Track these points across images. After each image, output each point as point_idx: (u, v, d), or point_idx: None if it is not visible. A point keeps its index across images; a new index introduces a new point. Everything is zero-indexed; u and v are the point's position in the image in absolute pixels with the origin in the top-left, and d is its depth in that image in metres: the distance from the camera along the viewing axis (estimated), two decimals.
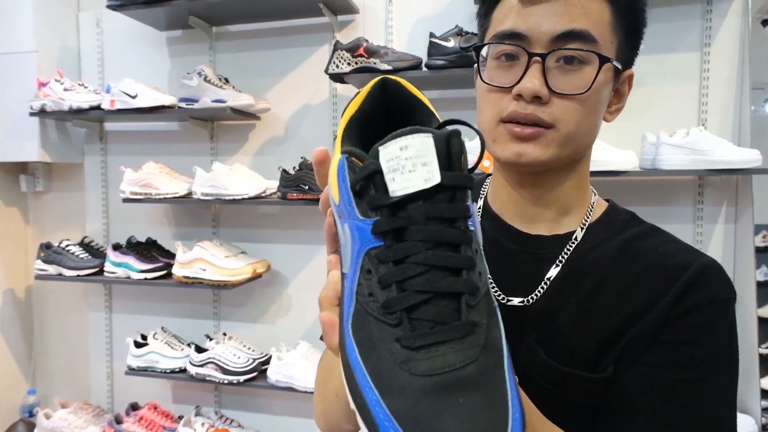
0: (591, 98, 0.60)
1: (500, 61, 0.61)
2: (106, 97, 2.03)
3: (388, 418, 0.31)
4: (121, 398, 2.39)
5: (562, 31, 0.57)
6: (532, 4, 0.58)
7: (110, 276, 2.10)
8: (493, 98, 0.62)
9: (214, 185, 1.95)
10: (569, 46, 0.57)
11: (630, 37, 0.63)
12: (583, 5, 0.58)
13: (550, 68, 0.58)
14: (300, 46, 2.11)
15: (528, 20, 0.58)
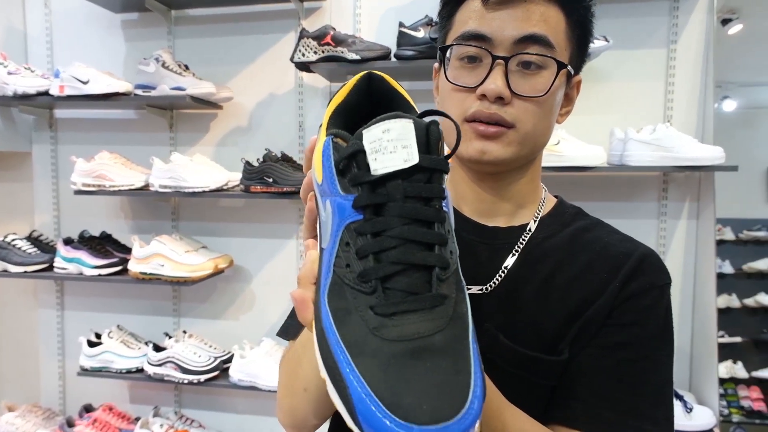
0: (548, 101, 0.64)
1: (463, 63, 0.65)
2: (55, 82, 1.91)
3: (358, 379, 0.33)
4: (73, 400, 2.28)
5: (523, 35, 0.61)
6: (495, 9, 0.62)
7: (61, 272, 1.99)
8: (458, 98, 0.65)
9: (172, 177, 1.86)
10: (529, 50, 0.62)
11: (581, 45, 0.68)
12: (542, 12, 0.62)
13: (512, 71, 0.62)
14: (264, 33, 2.03)
15: (492, 23, 0.62)
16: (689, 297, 1.86)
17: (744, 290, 4.35)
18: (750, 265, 4.35)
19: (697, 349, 1.85)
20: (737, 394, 4.09)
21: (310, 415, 0.65)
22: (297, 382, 0.63)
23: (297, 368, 0.63)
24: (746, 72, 4.31)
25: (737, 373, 4.19)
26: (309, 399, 0.62)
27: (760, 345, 4.34)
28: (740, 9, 3.47)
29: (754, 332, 4.32)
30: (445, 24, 0.69)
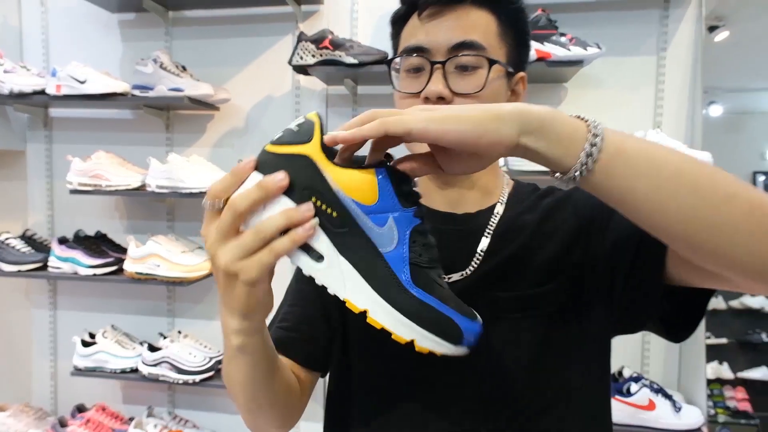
0: (487, 96, 0.69)
1: (410, 73, 0.72)
2: (52, 81, 1.91)
3: (454, 314, 0.51)
4: (65, 400, 2.27)
5: (456, 42, 0.68)
6: (429, 21, 0.69)
7: (55, 271, 1.99)
8: (406, 104, 0.71)
9: (169, 177, 1.87)
10: (462, 53, 0.68)
11: (517, 44, 0.73)
12: (472, 20, 0.69)
13: (450, 73, 0.69)
14: (261, 35, 2.04)
15: (428, 35, 0.69)
16: None
17: (730, 292, 4.43)
18: None
19: (685, 350, 1.89)
20: (723, 395, 4.17)
21: (265, 425, 0.70)
22: (239, 404, 0.68)
23: (235, 395, 0.67)
24: (732, 78, 4.40)
25: (723, 373, 4.27)
26: (255, 418, 0.69)
27: (746, 346, 4.43)
28: (726, 16, 3.55)
29: (740, 334, 4.42)
30: (395, 42, 0.77)
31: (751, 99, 4.81)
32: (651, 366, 1.92)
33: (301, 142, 0.49)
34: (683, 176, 0.48)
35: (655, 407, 1.70)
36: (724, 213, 0.47)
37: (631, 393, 1.71)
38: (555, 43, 1.63)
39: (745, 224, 0.47)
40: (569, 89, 1.89)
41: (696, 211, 0.47)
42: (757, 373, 4.31)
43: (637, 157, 0.49)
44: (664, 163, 0.49)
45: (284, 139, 0.50)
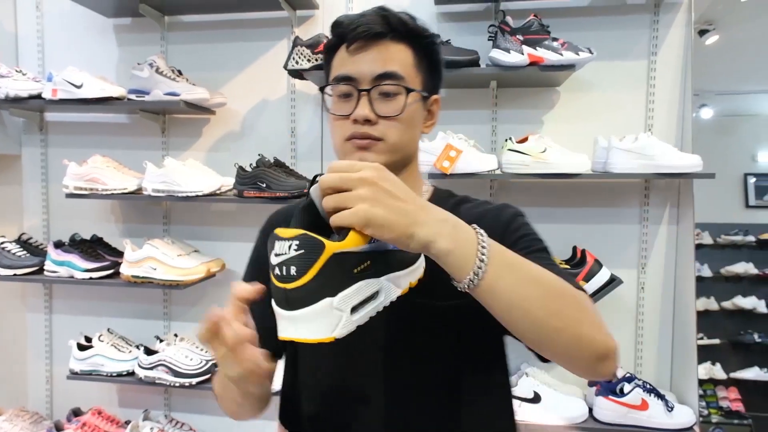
0: (405, 118, 0.83)
1: (340, 98, 0.84)
2: (48, 85, 1.92)
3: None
4: (61, 404, 2.27)
5: (378, 73, 0.81)
6: (356, 54, 0.81)
7: (51, 275, 1.99)
8: (339, 125, 0.84)
9: (166, 181, 1.88)
10: (385, 83, 0.81)
11: (431, 71, 0.87)
12: (392, 52, 0.82)
13: (374, 99, 0.81)
14: (257, 40, 2.06)
15: (354, 66, 0.81)
16: (670, 300, 1.92)
17: (722, 293, 4.48)
18: (727, 268, 4.48)
19: (677, 351, 1.91)
20: (716, 395, 4.20)
21: (246, 414, 0.87)
22: (226, 400, 0.85)
23: (223, 395, 0.85)
24: (722, 81, 4.45)
25: (716, 374, 4.30)
26: (241, 411, 0.85)
27: (738, 347, 4.47)
28: (716, 20, 3.60)
29: (732, 334, 4.45)
30: (326, 69, 0.89)
31: (742, 102, 4.86)
32: (644, 366, 1.94)
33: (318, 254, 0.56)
34: (539, 314, 0.65)
35: (647, 407, 1.72)
36: (558, 345, 0.68)
37: (624, 393, 1.73)
38: (547, 47, 1.65)
39: (569, 347, 0.68)
40: (562, 93, 1.92)
41: (539, 338, 0.68)
42: (750, 374, 4.34)
43: (506, 284, 0.64)
44: (526, 302, 0.65)
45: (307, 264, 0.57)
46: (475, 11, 1.94)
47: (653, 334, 1.93)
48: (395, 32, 0.82)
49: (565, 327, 0.66)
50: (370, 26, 0.80)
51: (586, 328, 0.67)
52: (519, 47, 1.66)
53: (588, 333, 0.67)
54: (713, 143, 4.63)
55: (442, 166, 1.71)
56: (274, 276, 0.56)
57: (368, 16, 0.82)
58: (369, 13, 0.82)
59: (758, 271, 4.51)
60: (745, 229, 4.58)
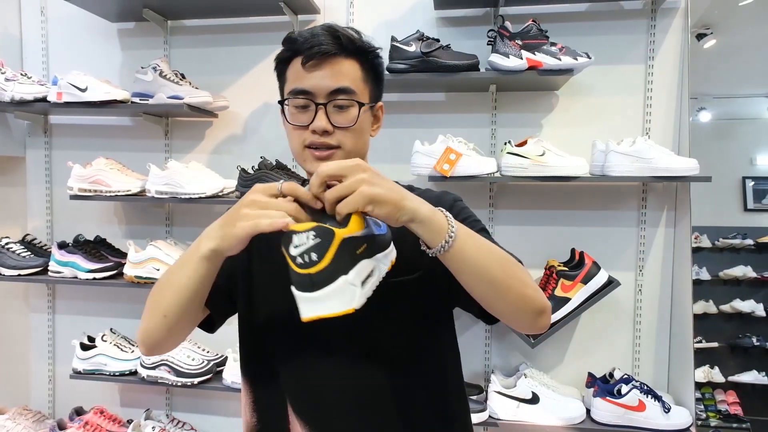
0: (358, 127, 0.93)
1: (298, 109, 0.92)
2: (53, 89, 1.94)
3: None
4: (63, 403, 2.29)
5: (333, 88, 0.90)
6: (311, 71, 0.90)
7: (55, 276, 2.01)
8: (297, 133, 0.92)
9: (169, 183, 1.90)
10: (339, 98, 0.90)
11: (375, 81, 0.97)
12: (344, 69, 0.91)
13: (330, 111, 0.90)
14: (259, 44, 2.08)
15: (311, 81, 0.89)
16: (667, 302, 1.94)
17: (720, 296, 4.47)
18: (726, 272, 4.48)
19: (674, 353, 1.93)
20: (714, 399, 4.20)
21: (164, 338, 0.88)
22: (158, 308, 0.86)
23: (162, 295, 0.86)
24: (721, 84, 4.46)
25: (714, 377, 4.30)
26: (166, 324, 0.86)
27: (736, 350, 4.46)
28: (714, 24, 3.62)
29: (731, 338, 4.45)
30: (281, 79, 0.97)
31: (740, 105, 4.87)
32: (641, 368, 1.96)
33: (331, 240, 0.67)
34: (493, 272, 0.80)
35: (644, 408, 1.74)
36: (505, 301, 0.82)
37: (622, 394, 1.75)
38: (546, 52, 1.68)
39: (516, 303, 0.82)
40: (560, 97, 1.94)
41: (492, 294, 0.82)
42: (748, 377, 4.34)
43: (472, 255, 0.78)
44: (486, 262, 0.79)
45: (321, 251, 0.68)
46: (475, 16, 1.97)
47: (651, 336, 1.95)
48: (345, 50, 0.90)
49: (514, 285, 0.81)
50: (323, 46, 0.89)
51: (529, 289, 0.83)
52: (518, 52, 1.68)
53: (531, 292, 0.83)
54: (711, 147, 4.64)
55: (442, 169, 1.73)
56: (297, 265, 0.66)
57: (321, 36, 0.90)
58: (320, 32, 0.90)
59: (757, 274, 4.50)
60: (744, 232, 4.58)
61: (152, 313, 0.88)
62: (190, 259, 0.81)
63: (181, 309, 0.84)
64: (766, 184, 4.79)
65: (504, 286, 0.80)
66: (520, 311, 0.83)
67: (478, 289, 0.81)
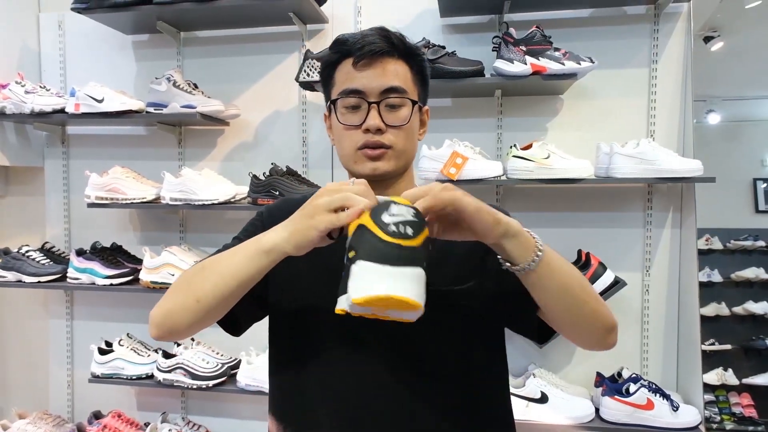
0: (409, 127, 0.92)
1: (348, 110, 0.91)
2: (71, 100, 2.00)
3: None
4: (81, 407, 2.34)
5: (385, 87, 0.90)
6: (363, 70, 0.90)
7: (74, 282, 2.07)
8: (349, 134, 0.92)
9: (183, 190, 1.95)
10: (391, 96, 0.90)
11: (423, 85, 0.97)
12: (394, 68, 0.91)
13: (382, 110, 0.90)
14: (269, 53, 2.14)
15: (362, 81, 0.89)
16: (674, 302, 1.95)
17: (732, 298, 4.46)
18: (738, 273, 4.47)
19: (682, 352, 1.94)
20: (728, 401, 4.17)
21: (187, 324, 0.84)
22: (192, 291, 0.82)
23: (199, 284, 0.82)
24: (729, 87, 4.46)
25: (728, 380, 4.27)
26: (195, 309, 0.82)
27: (750, 352, 4.44)
28: (721, 27, 3.64)
29: (744, 340, 4.43)
30: (329, 82, 0.95)
31: (749, 107, 4.87)
32: (650, 367, 1.97)
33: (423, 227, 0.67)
34: (574, 289, 0.81)
35: (653, 407, 1.76)
36: (582, 317, 0.83)
37: (630, 393, 1.76)
38: (549, 57, 1.71)
39: (591, 320, 0.84)
40: (565, 101, 1.97)
41: (570, 311, 0.82)
42: (762, 379, 4.30)
43: (557, 270, 0.79)
44: (568, 277, 0.81)
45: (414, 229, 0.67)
46: (480, 23, 2.01)
47: (659, 336, 1.97)
48: (396, 50, 0.91)
49: (590, 302, 0.82)
50: (375, 44, 0.89)
51: (602, 306, 0.84)
52: (522, 57, 1.72)
53: (603, 309, 0.84)
54: (721, 149, 4.64)
55: (448, 173, 1.77)
56: (389, 233, 0.63)
57: (372, 36, 0.90)
58: (371, 33, 0.90)
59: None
60: (755, 234, 4.57)
61: (182, 294, 0.83)
62: (246, 249, 0.78)
63: (218, 298, 0.80)
64: None
65: (582, 303, 0.81)
66: (593, 327, 0.84)
67: (557, 306, 0.82)
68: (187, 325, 0.84)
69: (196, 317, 0.82)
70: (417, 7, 2.02)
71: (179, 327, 0.85)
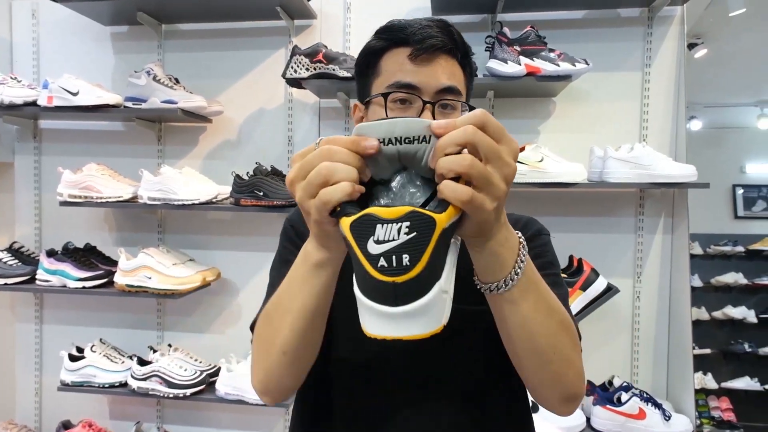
0: None
1: (396, 104, 0.82)
2: (44, 92, 1.90)
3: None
4: (50, 416, 2.22)
5: (443, 86, 0.82)
6: (421, 64, 0.81)
7: (44, 284, 1.96)
8: None
9: (162, 189, 1.86)
10: (447, 97, 0.82)
11: (470, 87, 0.91)
12: (450, 68, 0.83)
13: (436, 111, 0.82)
14: (254, 48, 2.06)
15: (418, 76, 0.81)
16: (665, 309, 1.93)
17: (712, 303, 4.51)
18: (717, 278, 4.52)
19: (673, 359, 1.92)
20: (708, 405, 4.21)
21: (285, 377, 0.76)
22: (274, 347, 0.73)
23: (274, 335, 0.72)
24: (711, 93, 4.51)
25: (707, 384, 4.31)
26: (287, 361, 0.73)
27: (729, 356, 4.49)
28: (705, 34, 3.66)
29: (723, 344, 4.47)
30: (372, 72, 0.86)
31: (730, 114, 4.93)
32: (640, 375, 1.94)
33: (431, 234, 0.49)
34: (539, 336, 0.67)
35: (645, 416, 1.73)
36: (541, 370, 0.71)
37: (622, 402, 1.73)
38: (544, 58, 1.67)
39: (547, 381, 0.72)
40: (558, 103, 1.94)
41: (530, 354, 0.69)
42: (741, 383, 4.36)
43: (527, 304, 0.65)
44: (540, 317, 0.66)
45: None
46: (473, 22, 1.96)
47: (649, 343, 1.94)
48: (456, 48, 0.84)
49: (554, 362, 0.69)
50: (438, 38, 0.81)
51: (570, 371, 0.71)
52: (516, 58, 1.68)
53: (569, 376, 0.71)
54: (702, 155, 4.68)
55: None
56: (378, 269, 0.48)
57: (434, 28, 0.82)
58: (431, 24, 0.82)
59: (748, 281, 4.55)
60: (735, 239, 4.63)
61: (265, 354, 0.75)
62: (298, 274, 0.68)
63: (301, 338, 0.70)
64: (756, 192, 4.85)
65: (544, 358, 0.68)
66: (547, 388, 0.73)
67: (516, 346, 0.69)
68: (292, 379, 0.77)
69: (295, 367, 0.75)
70: (408, 4, 1.97)
71: (286, 387, 0.78)
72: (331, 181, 0.53)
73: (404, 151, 0.53)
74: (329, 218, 0.55)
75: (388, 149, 0.53)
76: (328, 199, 0.53)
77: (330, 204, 0.53)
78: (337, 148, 0.54)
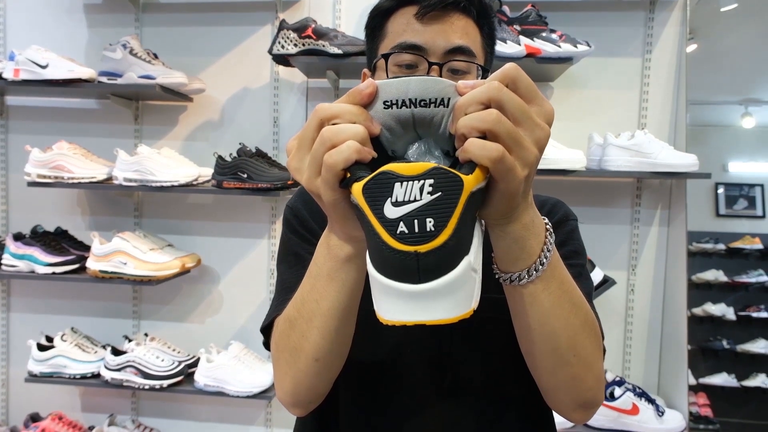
0: None
1: (401, 68, 0.75)
2: (9, 65, 1.78)
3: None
4: (18, 409, 2.11)
5: (453, 46, 0.74)
6: (426, 24, 0.74)
7: (10, 270, 1.84)
8: None
9: (139, 170, 1.76)
10: (457, 58, 0.74)
11: (490, 50, 0.82)
12: (463, 26, 0.75)
13: (444, 74, 0.74)
14: (239, 24, 1.96)
15: (424, 35, 0.73)
16: (659, 302, 1.89)
17: (692, 300, 4.53)
18: (698, 275, 4.54)
19: (666, 354, 1.89)
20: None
21: (318, 384, 0.68)
22: (303, 354, 0.64)
23: (302, 341, 0.64)
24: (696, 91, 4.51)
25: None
26: (319, 368, 0.65)
27: (707, 353, 4.53)
28: (696, 30, 3.64)
29: (702, 340, 4.50)
30: (378, 33, 0.79)
31: (714, 112, 4.96)
32: (632, 369, 1.91)
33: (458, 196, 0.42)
34: (559, 335, 0.60)
35: (638, 412, 1.69)
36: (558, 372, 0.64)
37: (615, 397, 1.69)
38: (545, 39, 1.61)
39: (563, 383, 0.65)
40: (555, 89, 1.88)
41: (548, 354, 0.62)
42: (718, 379, 4.40)
43: (549, 298, 0.57)
44: (564, 313, 0.59)
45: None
46: None
47: (642, 337, 1.90)
48: (472, 5, 0.75)
49: (573, 364, 0.62)
50: None
51: (589, 374, 0.64)
52: (516, 38, 1.60)
53: (588, 379, 0.65)
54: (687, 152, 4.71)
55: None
56: (397, 237, 0.40)
57: None
58: None
59: (728, 279, 4.58)
60: (716, 237, 4.66)
61: (294, 362, 0.66)
62: (323, 271, 0.59)
63: (333, 340, 0.63)
64: (737, 191, 4.89)
65: (562, 359, 0.62)
66: (562, 392, 0.66)
67: (529, 345, 0.63)
68: (325, 384, 0.69)
69: (328, 372, 0.67)
70: None
71: (319, 394, 0.70)
72: (336, 145, 0.45)
73: (419, 115, 0.45)
74: (342, 192, 0.46)
75: (402, 112, 0.45)
76: (334, 162, 0.44)
77: (337, 167, 0.44)
78: (337, 106, 0.46)
